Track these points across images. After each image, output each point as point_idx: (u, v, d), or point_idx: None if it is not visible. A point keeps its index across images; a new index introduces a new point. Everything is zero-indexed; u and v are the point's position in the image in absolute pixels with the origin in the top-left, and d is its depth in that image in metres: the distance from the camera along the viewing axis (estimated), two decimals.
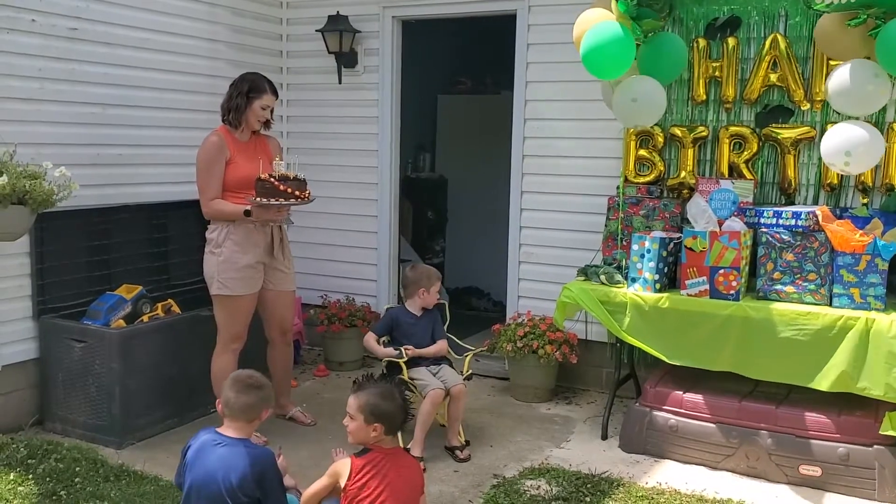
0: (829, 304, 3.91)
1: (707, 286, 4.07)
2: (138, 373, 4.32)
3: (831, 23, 3.70)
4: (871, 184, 4.33)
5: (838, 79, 3.63)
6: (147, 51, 5.02)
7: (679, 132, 4.75)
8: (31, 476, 3.75)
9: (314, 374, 5.63)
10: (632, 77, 4.16)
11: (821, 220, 3.94)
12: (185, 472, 2.92)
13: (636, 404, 4.38)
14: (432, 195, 7.77)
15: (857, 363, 3.73)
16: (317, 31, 5.77)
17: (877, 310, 3.80)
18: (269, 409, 3.06)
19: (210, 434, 2.95)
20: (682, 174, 4.75)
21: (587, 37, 3.98)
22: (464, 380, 4.32)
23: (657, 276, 4.21)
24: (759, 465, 3.98)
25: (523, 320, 5.19)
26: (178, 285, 5.11)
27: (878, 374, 3.68)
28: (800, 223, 3.95)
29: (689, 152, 4.73)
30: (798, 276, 3.97)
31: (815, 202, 4.48)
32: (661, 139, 4.81)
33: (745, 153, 4.59)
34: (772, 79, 4.51)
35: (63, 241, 4.51)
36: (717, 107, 4.70)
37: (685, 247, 4.11)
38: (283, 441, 4.05)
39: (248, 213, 4.13)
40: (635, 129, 4.77)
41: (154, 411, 4.43)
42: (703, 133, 4.71)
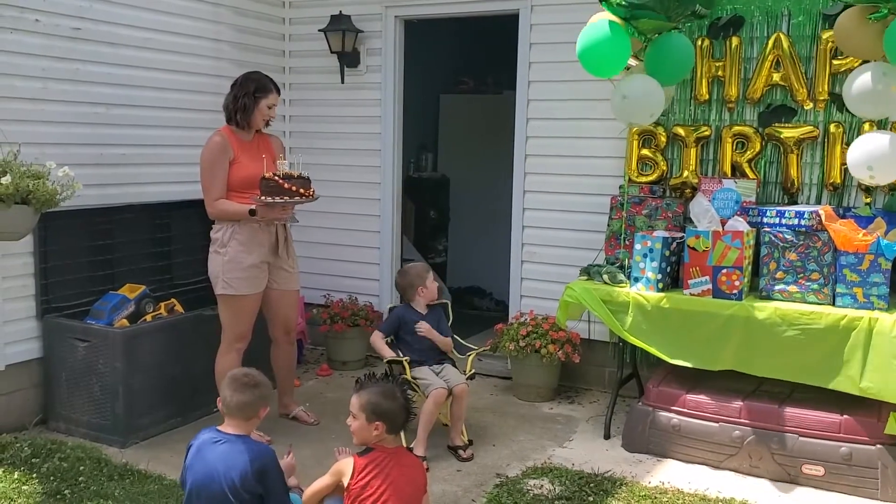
0: (833, 304, 3.92)
1: (710, 286, 4.08)
2: (142, 372, 4.33)
3: (851, 18, 3.65)
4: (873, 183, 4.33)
5: (852, 81, 3.61)
6: (150, 50, 5.03)
7: (682, 131, 4.75)
8: (35, 475, 3.76)
9: (317, 373, 5.63)
10: (628, 75, 4.18)
11: (824, 219, 3.94)
12: (186, 472, 2.92)
13: (639, 404, 4.38)
14: (435, 195, 7.77)
15: (859, 363, 3.73)
16: (319, 30, 5.78)
17: (880, 309, 3.81)
18: (266, 408, 3.05)
19: (210, 432, 2.96)
20: (685, 173, 4.75)
21: (581, 35, 4.02)
22: (466, 379, 4.32)
23: (660, 276, 4.22)
24: (762, 464, 3.98)
25: (526, 320, 5.19)
26: (182, 285, 5.12)
27: (881, 374, 3.68)
28: (803, 223, 3.95)
29: (692, 152, 4.73)
30: (801, 275, 3.98)
31: (818, 202, 4.48)
32: (663, 138, 4.81)
33: (748, 153, 4.59)
34: (775, 78, 4.51)
35: (66, 240, 4.52)
36: (720, 106, 4.70)
37: (688, 246, 4.12)
38: (286, 440, 4.05)
39: (253, 213, 4.13)
40: (636, 128, 4.77)
41: (157, 411, 4.44)
42: (706, 132, 4.71)
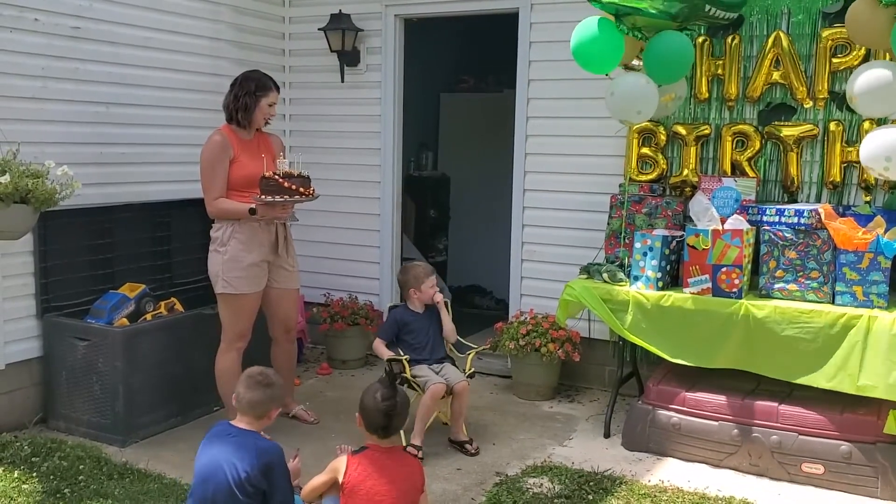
0: (832, 302, 3.91)
1: (709, 284, 4.07)
2: (142, 371, 4.33)
3: (864, 5, 3.60)
4: (873, 181, 4.33)
5: (857, 78, 3.60)
6: (150, 49, 5.03)
7: (682, 130, 4.75)
8: (34, 474, 3.76)
9: (317, 372, 5.63)
10: (620, 73, 4.19)
11: (823, 217, 3.94)
12: (196, 460, 2.98)
13: (639, 402, 4.38)
14: (435, 193, 7.77)
15: (858, 361, 3.73)
16: (319, 29, 5.78)
17: (879, 307, 3.80)
18: (278, 409, 3.09)
19: (223, 426, 3.03)
20: (685, 172, 4.75)
21: (574, 32, 4.04)
22: (466, 377, 4.32)
23: (659, 275, 4.22)
24: (762, 462, 3.98)
25: (526, 318, 5.19)
26: (182, 284, 5.12)
27: (880, 373, 3.68)
28: (802, 221, 3.95)
29: (692, 150, 4.73)
30: (801, 273, 3.98)
31: (818, 200, 4.48)
32: (663, 137, 4.81)
33: (748, 151, 4.59)
34: (774, 77, 4.51)
35: (66, 239, 4.52)
36: (720, 104, 4.70)
37: (688, 245, 4.12)
38: (286, 439, 4.05)
39: (253, 212, 4.13)
40: (636, 126, 4.76)
41: (157, 410, 4.44)
42: (706, 131, 4.71)
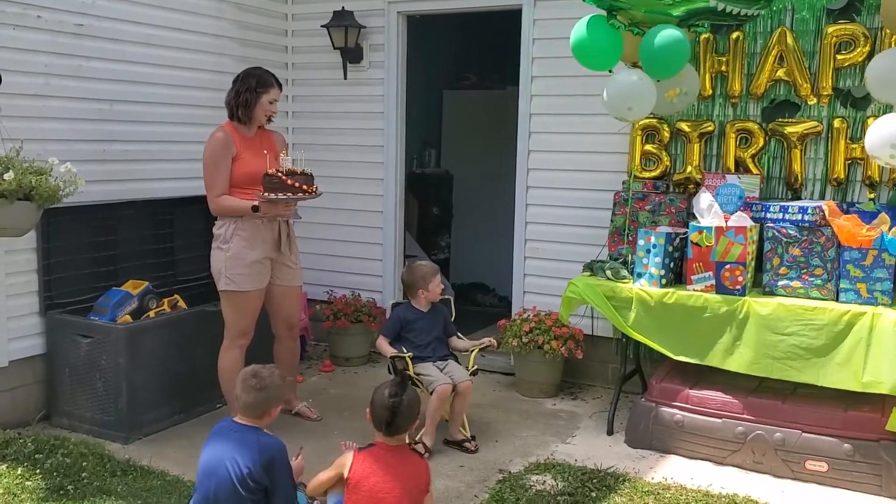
0: (836, 299, 3.91)
1: (713, 281, 4.07)
2: (145, 368, 4.34)
3: None
4: (878, 178, 4.32)
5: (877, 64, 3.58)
6: (153, 47, 5.03)
7: (685, 127, 4.74)
8: (38, 471, 3.76)
9: (320, 369, 5.64)
10: (620, 69, 4.20)
11: (827, 214, 3.93)
12: (201, 455, 3.00)
13: (642, 399, 4.37)
14: (438, 191, 7.76)
15: (863, 358, 3.72)
16: (322, 26, 5.77)
17: (884, 304, 3.79)
18: (279, 406, 3.09)
19: (226, 423, 3.05)
20: (689, 169, 4.74)
21: (573, 29, 4.05)
22: (470, 375, 4.32)
23: (663, 272, 4.21)
24: (766, 460, 3.97)
25: (529, 316, 5.19)
26: (185, 281, 5.13)
27: (884, 369, 3.67)
28: (806, 218, 3.94)
29: (696, 147, 4.72)
30: (804, 270, 3.97)
31: (822, 197, 4.47)
32: (667, 134, 4.80)
33: (752, 148, 4.58)
34: (778, 73, 4.49)
35: (69, 236, 4.52)
36: (724, 101, 4.69)
37: (691, 242, 4.11)
38: (288, 436, 4.05)
39: (255, 209, 4.13)
40: (639, 123, 4.76)
41: (160, 407, 4.45)
42: (710, 128, 4.70)
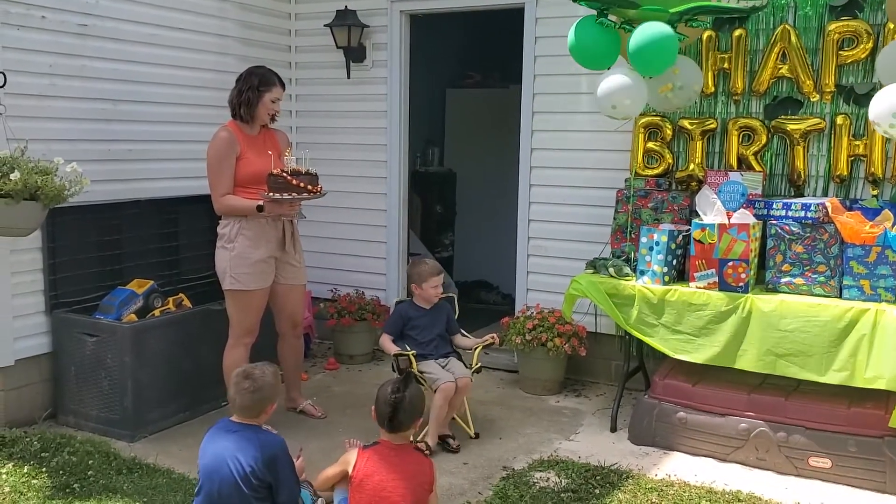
0: (839, 296, 3.91)
1: (716, 278, 4.07)
2: (150, 367, 4.36)
3: None
4: (881, 175, 4.31)
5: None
6: (157, 46, 5.05)
7: (688, 124, 4.74)
8: (44, 469, 3.79)
9: (324, 367, 5.65)
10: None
11: (830, 211, 3.93)
12: (200, 456, 3.00)
13: (645, 396, 4.38)
14: (441, 189, 7.77)
15: (866, 355, 3.72)
16: (325, 25, 5.78)
17: (887, 301, 3.80)
18: (273, 404, 3.10)
19: (224, 423, 3.06)
20: (691, 166, 4.74)
21: (570, 31, 4.07)
22: (473, 373, 4.33)
23: (666, 269, 4.21)
24: (769, 457, 3.98)
25: (532, 313, 5.20)
26: (190, 280, 5.14)
27: (888, 366, 3.67)
28: (809, 215, 3.94)
29: (698, 144, 4.72)
30: (807, 268, 3.97)
31: (825, 194, 4.47)
32: (669, 132, 4.80)
33: (754, 145, 4.58)
34: (781, 70, 4.49)
35: (75, 236, 4.54)
36: (726, 99, 4.68)
37: (694, 239, 4.11)
38: (293, 434, 4.07)
39: (260, 209, 4.14)
40: (642, 121, 4.77)
41: (166, 405, 4.46)
42: (712, 125, 4.69)
